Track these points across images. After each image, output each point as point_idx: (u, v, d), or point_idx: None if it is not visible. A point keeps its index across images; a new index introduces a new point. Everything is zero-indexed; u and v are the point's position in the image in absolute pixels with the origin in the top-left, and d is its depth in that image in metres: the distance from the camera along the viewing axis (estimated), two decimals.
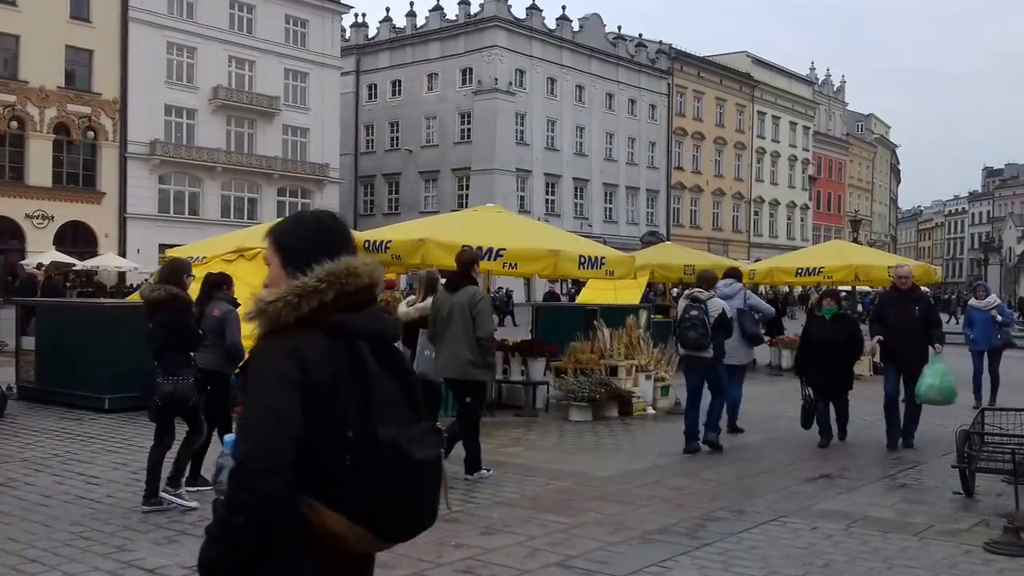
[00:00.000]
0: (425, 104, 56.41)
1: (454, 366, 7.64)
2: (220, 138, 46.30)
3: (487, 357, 7.73)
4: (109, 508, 6.46)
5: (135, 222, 42.71)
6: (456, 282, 7.87)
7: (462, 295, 7.69)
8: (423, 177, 56.48)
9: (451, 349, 7.64)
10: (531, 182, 55.91)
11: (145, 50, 42.75)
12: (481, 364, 7.63)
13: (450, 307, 7.70)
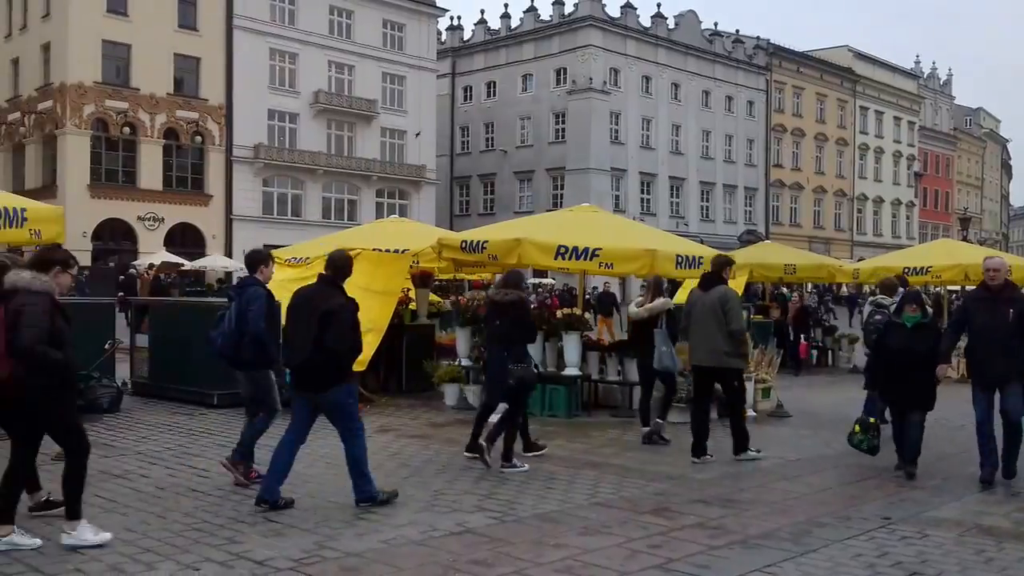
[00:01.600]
0: (520, 104, 56.62)
1: (711, 356, 8.66)
2: (321, 141, 47.43)
3: (740, 348, 8.82)
4: (219, 501, 6.68)
5: (240, 223, 44.13)
6: (709, 282, 8.90)
7: (714, 294, 8.71)
8: (518, 177, 56.71)
9: (706, 341, 8.66)
10: (626, 181, 55.54)
11: (249, 56, 44.17)
12: (735, 354, 8.71)
13: (703, 304, 8.73)
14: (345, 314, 6.53)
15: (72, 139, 39.92)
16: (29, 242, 8.03)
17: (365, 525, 6.19)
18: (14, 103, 43.87)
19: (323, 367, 6.48)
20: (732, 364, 8.71)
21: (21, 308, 5.26)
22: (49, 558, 5.33)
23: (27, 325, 5.20)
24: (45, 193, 36.84)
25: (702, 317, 8.68)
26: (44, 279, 5.45)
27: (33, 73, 42.54)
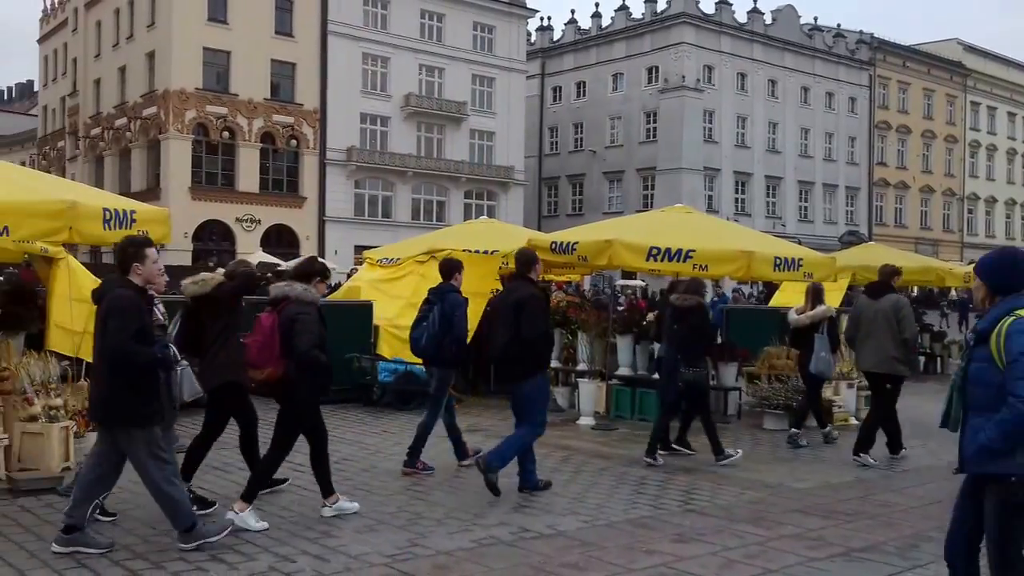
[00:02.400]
0: (610, 104, 56.35)
1: (881, 362, 8.87)
2: (411, 143, 48.09)
3: (910, 355, 9.11)
4: (313, 496, 6.82)
5: (333, 224, 45.10)
6: (879, 290, 9.12)
7: (885, 302, 8.95)
8: (607, 178, 56.45)
9: (878, 347, 8.87)
10: (720, 181, 54.73)
11: (342, 61, 45.12)
12: (904, 360, 8.92)
13: (874, 312, 8.96)
14: (535, 303, 7.02)
15: (174, 143, 41.45)
16: None
17: (456, 524, 6.25)
18: (121, 109, 45.79)
19: (518, 358, 6.99)
20: (901, 371, 8.94)
21: (296, 316, 6.06)
22: (152, 546, 5.54)
23: (304, 332, 5.99)
24: (149, 195, 38.34)
25: (873, 325, 8.90)
26: (313, 290, 6.30)
27: (138, 80, 44.33)
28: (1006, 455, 3.77)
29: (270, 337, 6.03)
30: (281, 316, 6.09)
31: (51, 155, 56.27)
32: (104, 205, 7.65)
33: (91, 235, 7.44)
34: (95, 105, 49.29)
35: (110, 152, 47.21)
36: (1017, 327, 3.77)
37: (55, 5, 56.86)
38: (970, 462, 3.94)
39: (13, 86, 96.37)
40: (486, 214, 32.03)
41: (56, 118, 56.45)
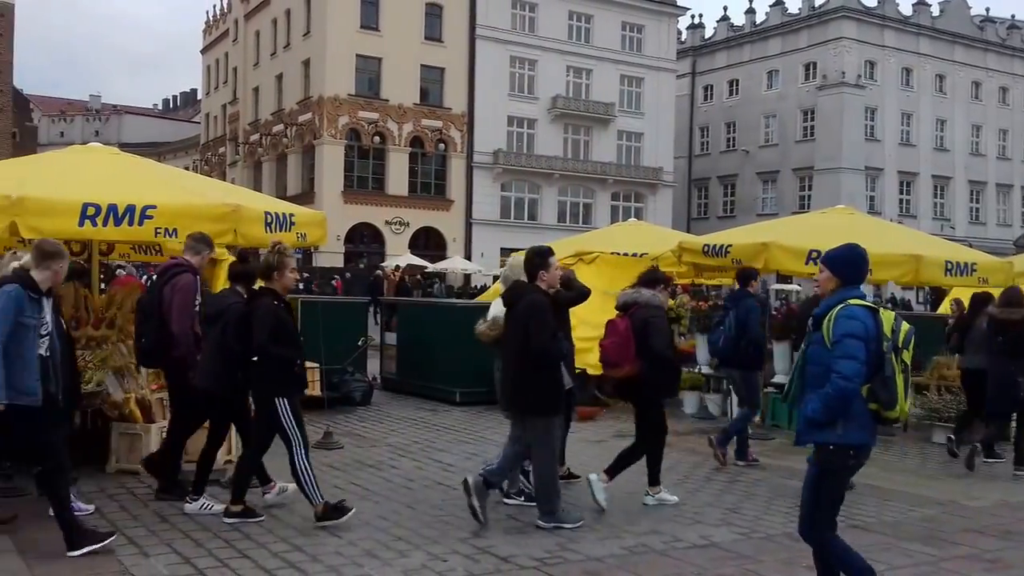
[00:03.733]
0: (764, 102, 54.92)
1: None
2: (557, 146, 48.32)
3: None
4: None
5: (479, 227, 45.86)
6: None
7: None
8: (761, 178, 55.02)
9: None
10: (882, 181, 52.45)
11: (490, 65, 45.84)
12: None
13: None
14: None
15: (328, 148, 43.16)
16: (294, 244, 8.70)
17: (606, 531, 6.22)
18: (278, 116, 48.04)
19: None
20: None
21: (649, 319, 6.83)
22: (310, 539, 5.77)
23: (657, 333, 6.83)
24: (304, 199, 40.03)
25: None
26: (660, 296, 7.10)
27: (294, 88, 46.40)
28: (828, 426, 4.27)
29: (626, 339, 6.75)
30: (633, 319, 6.84)
31: (212, 160, 59.63)
32: (265, 208, 8.02)
33: (254, 237, 7.77)
34: (254, 112, 51.91)
35: (268, 157, 49.59)
36: (844, 313, 4.30)
37: (217, 17, 60.25)
38: (800, 433, 4.45)
39: (178, 95, 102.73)
40: (633, 216, 31.79)
41: (217, 125, 59.80)
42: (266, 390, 6.05)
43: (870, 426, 4.30)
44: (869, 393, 4.24)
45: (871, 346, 4.22)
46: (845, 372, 4.18)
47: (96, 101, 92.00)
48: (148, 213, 7.04)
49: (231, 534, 5.82)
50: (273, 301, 6.06)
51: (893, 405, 4.24)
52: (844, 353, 4.20)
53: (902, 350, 4.28)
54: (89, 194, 6.99)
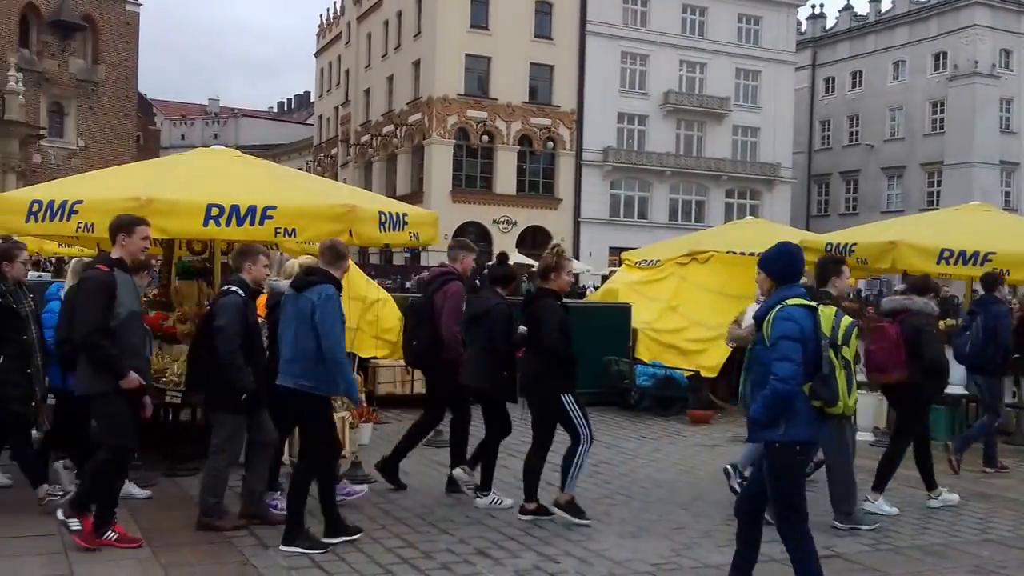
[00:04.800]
0: (889, 95, 53.05)
1: None
2: (669, 142, 47.82)
3: None
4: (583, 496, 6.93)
5: (588, 226, 45.77)
6: None
7: None
8: (886, 174, 53.17)
9: None
10: (1019, 175, 50.02)
11: (600, 61, 45.68)
12: None
13: None
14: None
15: (437, 148, 43.81)
16: (407, 244, 8.87)
17: (723, 537, 6.13)
18: (388, 116, 49.03)
19: None
20: None
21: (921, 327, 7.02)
22: (423, 535, 5.88)
23: (931, 343, 7.01)
24: (413, 199, 40.71)
25: None
26: (932, 304, 7.30)
27: (405, 88, 47.26)
28: (772, 425, 4.41)
29: (896, 345, 6.90)
30: (904, 326, 7.02)
31: (325, 161, 61.26)
32: (380, 208, 8.20)
33: (368, 237, 7.96)
34: (365, 113, 53.11)
35: (378, 158, 50.66)
36: (780, 315, 4.39)
37: (330, 20, 61.87)
38: (750, 432, 4.65)
39: (292, 97, 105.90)
40: (749, 214, 31.21)
41: (330, 126, 61.41)
42: (552, 387, 6.25)
43: (815, 423, 4.45)
44: (811, 391, 4.37)
45: (810, 345, 4.35)
46: (780, 374, 4.32)
47: (215, 105, 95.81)
48: (269, 213, 7.26)
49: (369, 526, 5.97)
50: (556, 300, 6.36)
51: (835, 402, 4.36)
52: (780, 355, 4.35)
53: (842, 346, 4.39)
54: (213, 195, 7.26)
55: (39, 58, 39.92)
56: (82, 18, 41.38)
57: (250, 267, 6.03)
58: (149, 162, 11.07)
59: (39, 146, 37.72)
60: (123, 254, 5.62)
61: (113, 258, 5.58)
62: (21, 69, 35.01)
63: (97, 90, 42.41)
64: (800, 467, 4.55)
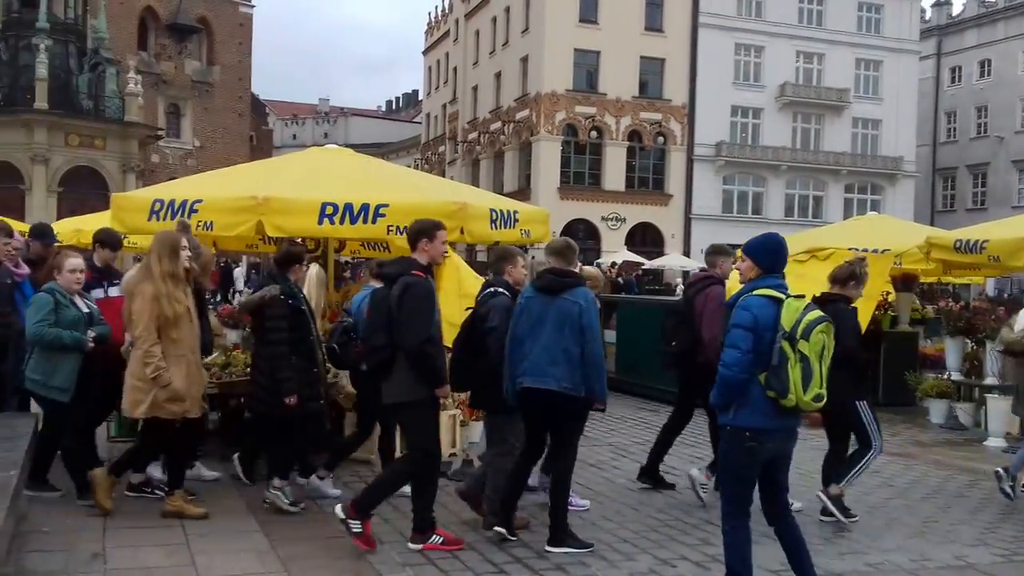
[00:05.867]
0: (1020, 84, 50.64)
1: None
2: (785, 136, 46.84)
3: None
4: (691, 499, 6.87)
5: (699, 222, 45.14)
6: None
7: None
8: (1017, 167, 50.78)
9: None
10: None
11: (713, 54, 45.03)
12: None
13: None
14: None
15: (545, 145, 43.91)
16: (518, 241, 8.92)
17: (847, 545, 5.99)
18: (496, 113, 49.40)
19: None
20: None
21: None
22: (536, 535, 5.90)
23: None
24: (520, 196, 40.86)
25: None
26: None
27: (512, 85, 47.53)
28: (724, 409, 4.64)
29: None
30: None
31: (432, 159, 62.10)
32: (491, 206, 8.27)
33: (480, 234, 8.04)
34: (472, 110, 53.61)
35: (485, 155, 51.09)
36: (743, 303, 4.55)
37: (439, 18, 62.67)
38: None
39: (401, 96, 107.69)
40: (869, 209, 30.33)
41: (437, 124, 62.22)
42: (847, 392, 6.31)
43: (768, 411, 4.49)
44: (766, 381, 4.44)
45: (765, 335, 4.42)
46: (725, 360, 4.51)
47: (325, 104, 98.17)
48: (381, 211, 7.41)
49: (460, 527, 6.05)
50: (850, 307, 6.49)
51: (785, 394, 4.39)
52: (729, 342, 4.52)
53: (799, 340, 4.36)
54: (327, 194, 7.44)
55: (157, 61, 41.68)
56: (197, 21, 43.02)
57: (511, 269, 6.23)
58: (265, 161, 11.43)
59: (157, 146, 39.30)
60: (426, 259, 5.67)
61: (424, 263, 5.65)
62: (140, 72, 36.53)
63: (212, 91, 44.01)
64: (749, 453, 4.57)
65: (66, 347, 6.05)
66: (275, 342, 6.22)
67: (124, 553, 5.34)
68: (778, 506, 4.76)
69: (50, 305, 6.03)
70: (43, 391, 6.12)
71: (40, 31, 31.51)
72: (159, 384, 5.76)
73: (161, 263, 5.87)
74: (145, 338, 5.77)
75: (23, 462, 4.41)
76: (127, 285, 6.29)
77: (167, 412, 5.86)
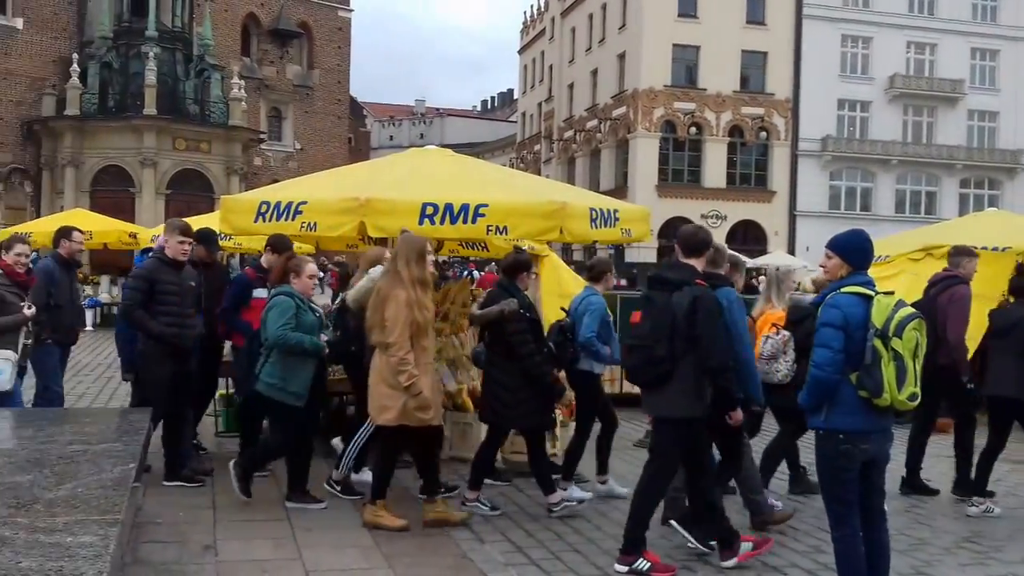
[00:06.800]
0: None
1: None
2: (895, 129, 45.58)
3: None
4: (801, 506, 6.73)
5: (805, 219, 44.21)
6: None
7: None
8: None
9: None
10: None
11: (818, 46, 44.06)
12: None
13: None
14: None
15: (642, 142, 43.62)
16: (618, 240, 8.88)
17: (968, 555, 5.81)
18: (592, 111, 49.29)
19: None
20: None
21: None
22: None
23: None
24: (617, 194, 40.69)
25: None
26: None
27: (609, 82, 47.35)
28: (815, 411, 4.53)
29: None
30: None
31: (527, 158, 62.33)
32: (591, 205, 8.25)
33: (579, 234, 8.01)
34: (568, 109, 53.61)
35: (581, 153, 51.02)
36: (829, 302, 4.52)
37: (534, 17, 62.88)
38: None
39: (496, 96, 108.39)
40: (988, 205, 29.20)
41: (532, 123, 62.42)
42: None
43: (862, 412, 4.41)
44: (858, 380, 4.37)
45: (856, 334, 4.35)
46: (816, 360, 4.45)
47: (421, 105, 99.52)
48: (481, 211, 7.47)
49: (561, 527, 6.08)
50: None
51: (879, 393, 4.31)
52: (819, 341, 4.46)
53: (892, 337, 4.29)
54: (427, 194, 7.54)
55: (259, 66, 42.81)
56: (298, 26, 44.03)
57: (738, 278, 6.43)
58: (366, 163, 11.67)
59: (259, 149, 40.44)
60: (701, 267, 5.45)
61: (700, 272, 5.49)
62: (243, 77, 37.68)
63: (312, 94, 44.99)
64: (846, 457, 4.48)
65: (306, 352, 6.12)
66: (526, 355, 6.19)
67: (234, 545, 5.53)
68: (871, 510, 4.62)
69: (293, 309, 6.08)
70: (279, 395, 6.13)
71: (149, 39, 32.83)
72: (412, 393, 5.70)
73: (410, 268, 5.80)
74: (400, 345, 5.67)
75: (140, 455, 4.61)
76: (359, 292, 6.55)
77: (416, 420, 5.79)
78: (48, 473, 3.99)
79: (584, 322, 6.68)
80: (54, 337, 7.25)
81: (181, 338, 6.62)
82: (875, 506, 4.64)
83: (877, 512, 4.65)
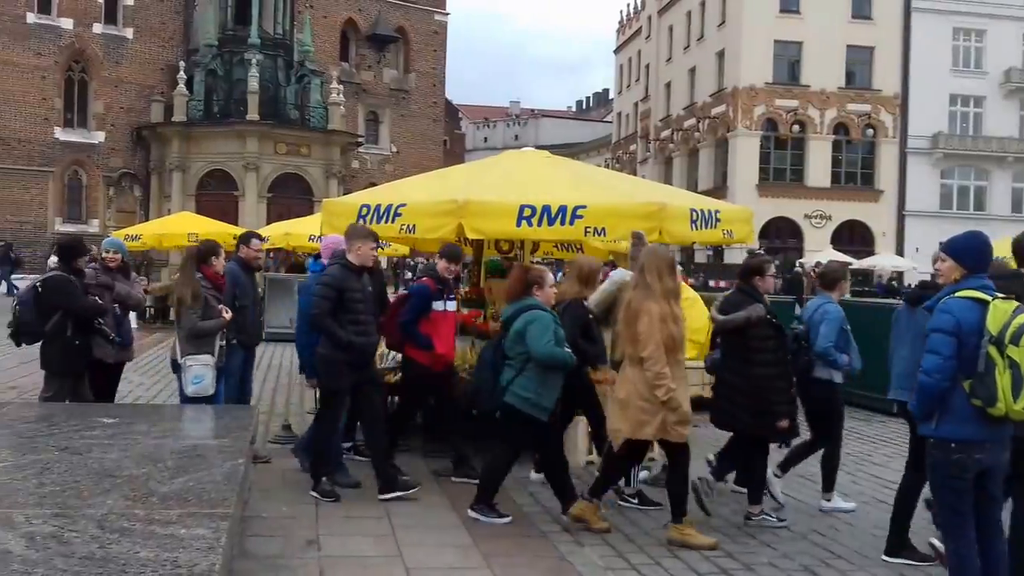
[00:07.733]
0: None
1: None
2: (1012, 125, 44.02)
3: None
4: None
5: (914, 219, 42.96)
6: None
7: None
8: None
9: None
10: None
11: (928, 40, 42.78)
12: None
13: None
14: None
15: (742, 140, 42.98)
16: (720, 242, 8.80)
17: None
18: (689, 110, 48.78)
19: None
20: None
21: None
22: (742, 546, 5.81)
23: None
24: (716, 194, 40.10)
25: None
26: None
27: (707, 80, 46.80)
28: (926, 419, 4.44)
29: None
30: None
31: (623, 158, 62.02)
32: (691, 206, 8.19)
33: (679, 235, 7.95)
34: (665, 108, 53.18)
35: (678, 153, 50.55)
36: (940, 307, 4.40)
37: (631, 16, 62.58)
38: None
39: (591, 96, 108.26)
40: None
41: (628, 123, 62.11)
42: None
43: (975, 421, 4.27)
44: (971, 389, 4.24)
45: (969, 340, 4.23)
46: (925, 367, 4.35)
47: (515, 107, 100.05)
48: (579, 213, 7.49)
49: (663, 533, 6.05)
50: None
51: (993, 402, 4.16)
52: (929, 347, 4.37)
53: (1008, 345, 4.12)
54: (525, 196, 7.60)
55: (357, 70, 43.68)
56: (395, 30, 44.76)
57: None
58: (464, 166, 11.83)
59: (357, 153, 41.25)
60: None
61: None
62: (342, 81, 38.48)
63: (408, 98, 45.68)
64: (959, 467, 4.36)
65: (567, 367, 6.09)
66: (764, 363, 6.17)
67: (336, 541, 5.66)
68: (987, 522, 4.46)
69: (552, 324, 6.04)
70: (529, 409, 6.01)
71: (252, 47, 33.85)
72: (670, 407, 5.64)
73: (662, 281, 5.75)
74: (656, 359, 5.60)
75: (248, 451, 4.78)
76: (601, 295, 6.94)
77: (676, 435, 5.76)
78: (163, 467, 4.18)
79: (821, 331, 6.55)
80: (240, 338, 7.30)
81: (368, 346, 6.68)
82: (992, 516, 4.48)
83: (993, 524, 4.50)
